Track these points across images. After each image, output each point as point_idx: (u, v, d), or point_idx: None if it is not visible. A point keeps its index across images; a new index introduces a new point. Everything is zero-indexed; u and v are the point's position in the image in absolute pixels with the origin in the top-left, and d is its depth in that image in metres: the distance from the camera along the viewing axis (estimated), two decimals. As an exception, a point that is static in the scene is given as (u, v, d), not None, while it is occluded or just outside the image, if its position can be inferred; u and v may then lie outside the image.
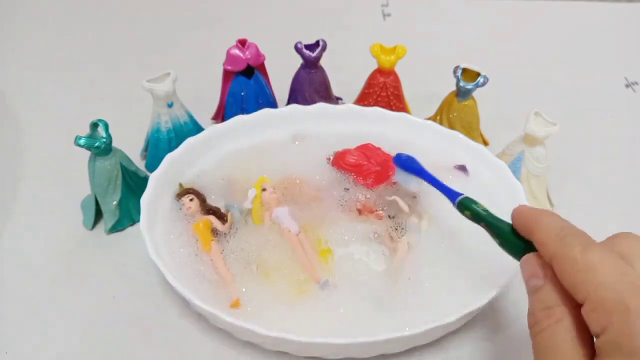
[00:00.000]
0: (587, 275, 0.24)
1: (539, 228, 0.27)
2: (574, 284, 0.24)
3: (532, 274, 0.27)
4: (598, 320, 0.23)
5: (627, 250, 0.25)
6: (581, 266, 0.24)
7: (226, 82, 0.52)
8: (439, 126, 0.48)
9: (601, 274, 0.23)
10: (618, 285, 0.23)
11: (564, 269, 0.25)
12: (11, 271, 0.42)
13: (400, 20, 0.74)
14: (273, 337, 0.33)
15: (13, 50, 0.68)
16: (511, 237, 0.30)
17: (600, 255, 0.24)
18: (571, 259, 0.25)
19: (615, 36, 0.73)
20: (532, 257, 0.28)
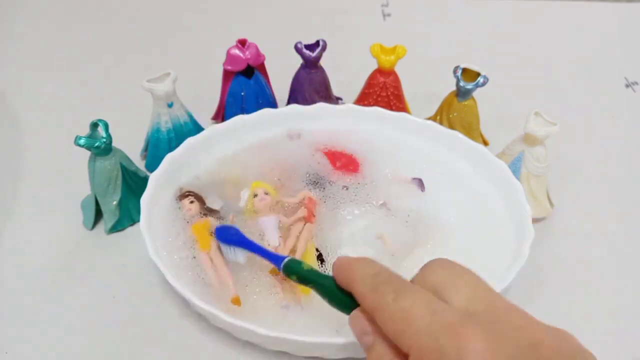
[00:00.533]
0: (403, 325, 0.24)
1: (355, 279, 0.27)
2: (395, 335, 0.24)
3: (361, 332, 0.26)
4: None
5: (439, 280, 0.25)
6: (396, 316, 0.24)
7: (226, 82, 0.52)
8: (439, 126, 0.48)
9: (415, 320, 0.23)
10: (432, 328, 0.23)
11: (382, 321, 0.25)
12: (11, 271, 0.42)
13: (400, 20, 0.74)
14: (273, 337, 0.33)
15: (13, 50, 0.68)
16: (337, 293, 0.29)
17: (411, 300, 0.24)
18: (386, 310, 0.24)
19: (615, 36, 0.73)
20: (358, 313, 0.27)
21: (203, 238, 0.40)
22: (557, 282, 0.42)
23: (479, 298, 0.25)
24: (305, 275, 0.32)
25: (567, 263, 0.44)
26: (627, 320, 0.40)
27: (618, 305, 0.41)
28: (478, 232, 0.41)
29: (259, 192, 0.42)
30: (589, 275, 0.43)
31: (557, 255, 0.44)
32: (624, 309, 0.41)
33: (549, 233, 0.46)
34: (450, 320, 0.23)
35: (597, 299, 0.41)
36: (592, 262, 0.44)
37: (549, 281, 0.42)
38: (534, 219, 0.40)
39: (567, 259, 0.44)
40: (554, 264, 0.43)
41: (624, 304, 0.41)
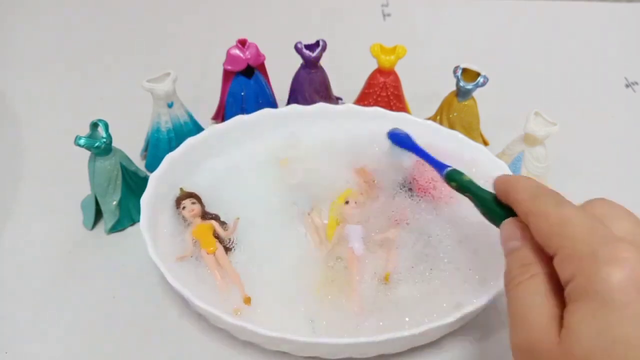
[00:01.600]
0: (559, 228, 0.25)
1: (515, 189, 0.29)
2: (547, 237, 0.25)
3: (510, 237, 0.28)
4: (567, 269, 0.24)
5: (600, 211, 0.26)
6: (554, 220, 0.25)
7: (226, 82, 0.52)
8: (439, 126, 0.48)
9: (572, 227, 0.24)
10: (587, 236, 0.24)
11: (537, 224, 0.26)
12: (11, 271, 0.42)
13: (400, 20, 0.74)
14: (273, 337, 0.33)
15: (13, 50, 0.68)
16: (493, 205, 0.31)
17: (572, 211, 0.25)
18: (544, 214, 0.26)
19: (615, 36, 0.73)
20: (510, 221, 0.29)
21: (207, 240, 0.40)
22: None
23: (637, 232, 0.25)
24: (465, 185, 0.35)
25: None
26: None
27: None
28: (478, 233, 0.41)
29: (350, 201, 0.42)
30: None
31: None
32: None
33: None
34: (607, 234, 0.24)
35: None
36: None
37: None
38: (534, 219, 0.40)
39: (567, 259, 0.44)
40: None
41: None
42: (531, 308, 0.25)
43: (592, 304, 0.22)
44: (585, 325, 0.22)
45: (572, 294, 0.23)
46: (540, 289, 0.25)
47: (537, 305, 0.25)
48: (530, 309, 0.25)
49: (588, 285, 0.22)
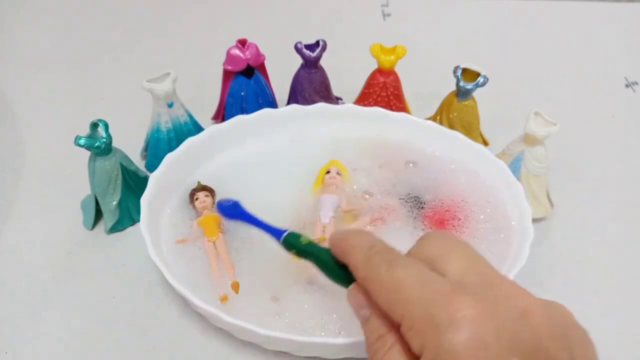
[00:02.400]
0: (395, 294, 0.24)
1: (349, 251, 0.27)
2: (387, 305, 0.24)
3: (359, 305, 0.27)
4: (414, 341, 0.23)
5: (434, 252, 0.25)
6: (388, 286, 0.24)
7: (226, 82, 0.52)
8: (439, 126, 0.48)
9: (407, 290, 0.23)
10: (423, 297, 0.23)
11: (375, 292, 0.25)
12: (11, 271, 0.42)
13: (400, 20, 0.74)
14: (273, 337, 0.33)
15: (13, 50, 0.68)
16: (335, 267, 0.29)
17: (404, 270, 0.24)
18: (379, 281, 0.25)
19: (615, 36, 0.73)
20: (355, 286, 0.27)
21: (211, 229, 0.41)
22: (557, 282, 0.42)
23: (473, 270, 0.25)
24: (304, 249, 0.32)
25: (567, 263, 0.44)
26: (628, 320, 0.40)
27: (618, 305, 0.41)
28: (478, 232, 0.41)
29: (332, 170, 0.44)
30: (589, 275, 0.43)
31: (557, 255, 0.44)
32: (624, 308, 0.41)
33: (549, 233, 0.46)
34: (441, 289, 0.23)
35: (597, 298, 0.41)
36: (592, 262, 0.44)
37: (549, 281, 0.42)
38: (534, 219, 0.40)
39: (567, 259, 0.44)
40: (554, 264, 0.43)
41: (624, 304, 0.41)
42: None
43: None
44: None
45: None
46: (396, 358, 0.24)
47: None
48: None
49: (436, 356, 0.22)
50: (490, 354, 0.21)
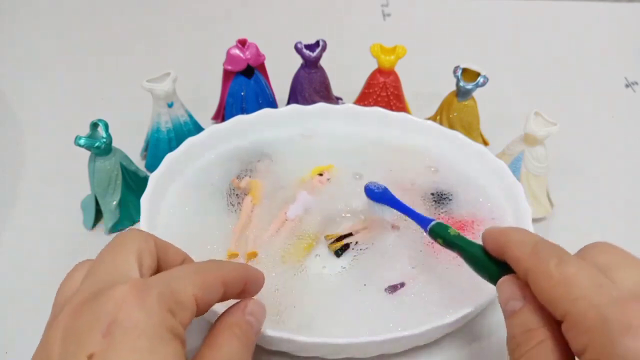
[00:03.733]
0: (564, 289, 0.23)
1: (511, 245, 0.27)
2: (551, 299, 0.24)
3: (510, 297, 0.26)
4: (578, 339, 0.22)
5: (603, 261, 0.24)
6: (557, 280, 0.23)
7: (226, 82, 0.52)
8: (439, 126, 0.48)
9: (578, 288, 0.23)
10: (596, 299, 0.22)
11: (539, 284, 0.24)
12: (11, 271, 0.42)
13: (400, 20, 0.74)
14: (273, 337, 0.33)
15: (13, 50, 0.68)
16: (485, 261, 0.29)
17: (576, 268, 0.23)
18: (547, 273, 0.24)
19: (615, 36, 0.73)
20: (509, 279, 0.27)
21: (257, 194, 0.43)
22: (557, 282, 0.42)
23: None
24: (451, 240, 0.32)
25: (567, 263, 0.44)
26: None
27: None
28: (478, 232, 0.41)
29: (325, 174, 0.45)
30: (589, 275, 0.43)
31: (557, 255, 0.44)
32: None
33: (549, 233, 0.46)
34: (617, 294, 0.22)
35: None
36: (592, 262, 0.44)
37: None
38: (534, 219, 0.40)
39: (567, 259, 0.44)
40: (554, 264, 0.43)
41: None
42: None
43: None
44: None
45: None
46: (549, 358, 0.23)
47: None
48: None
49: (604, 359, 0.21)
50: None
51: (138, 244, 0.27)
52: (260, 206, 0.42)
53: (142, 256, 0.27)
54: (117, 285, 0.24)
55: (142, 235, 0.28)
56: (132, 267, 0.26)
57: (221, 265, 0.29)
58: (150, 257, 0.27)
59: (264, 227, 0.41)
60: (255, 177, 0.45)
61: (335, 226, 0.42)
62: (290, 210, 0.42)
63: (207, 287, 0.26)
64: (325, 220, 0.42)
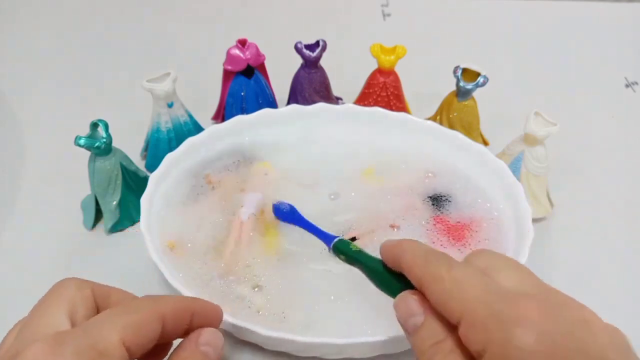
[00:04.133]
0: (456, 292, 0.24)
1: (405, 255, 0.27)
2: (445, 303, 0.24)
3: (409, 313, 0.26)
4: (476, 338, 0.23)
5: (486, 264, 0.26)
6: (448, 284, 0.24)
7: (226, 82, 0.52)
8: (439, 126, 0.48)
9: (469, 289, 0.24)
10: (487, 297, 0.23)
11: (432, 290, 0.25)
12: (11, 271, 0.42)
13: (400, 20, 0.74)
14: (273, 337, 0.33)
15: (13, 50, 0.68)
16: (384, 275, 0.29)
17: (464, 270, 0.25)
18: (439, 278, 0.25)
19: (615, 36, 0.73)
20: (407, 295, 0.27)
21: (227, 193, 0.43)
22: (557, 282, 0.42)
23: (527, 281, 0.25)
24: (353, 256, 0.33)
25: (567, 263, 0.44)
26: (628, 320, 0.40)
27: (618, 305, 0.41)
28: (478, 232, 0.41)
29: (261, 169, 0.45)
30: (589, 275, 0.43)
31: (557, 255, 0.44)
32: (624, 308, 0.41)
33: (549, 233, 0.46)
34: (504, 291, 0.23)
35: (597, 299, 0.41)
36: (592, 262, 0.44)
37: (549, 281, 0.41)
38: (534, 219, 0.40)
39: (567, 259, 0.44)
40: (554, 264, 0.43)
41: (624, 304, 0.41)
42: None
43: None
44: None
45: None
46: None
47: None
48: None
49: (501, 353, 0.22)
50: (557, 352, 0.21)
51: (70, 294, 0.26)
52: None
53: (75, 306, 0.26)
54: (33, 343, 0.23)
55: (75, 284, 0.27)
56: (61, 320, 0.25)
57: (157, 300, 0.27)
58: (85, 305, 0.26)
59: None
60: (229, 176, 0.45)
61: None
62: (243, 212, 0.42)
63: (138, 328, 0.25)
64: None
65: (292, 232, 0.41)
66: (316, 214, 0.42)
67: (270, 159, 0.46)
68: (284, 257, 0.39)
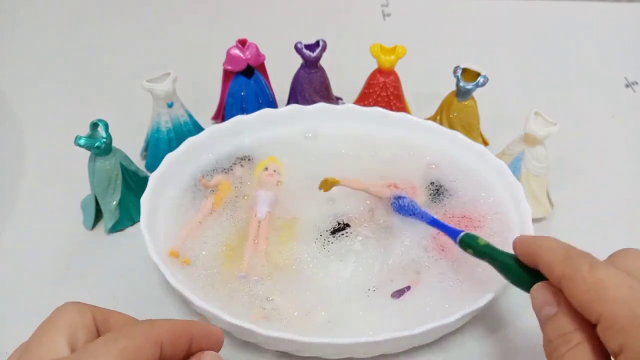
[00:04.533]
0: (598, 293, 0.24)
1: (542, 252, 0.28)
2: (585, 303, 0.24)
3: (544, 303, 0.27)
4: (614, 339, 0.23)
5: (631, 265, 0.25)
6: (590, 284, 0.24)
7: (226, 82, 0.52)
8: (439, 126, 0.48)
9: (611, 290, 0.24)
10: (629, 299, 0.23)
11: (573, 289, 0.25)
12: (11, 271, 0.42)
13: (400, 20, 0.74)
14: (273, 337, 0.33)
15: (13, 50, 0.68)
16: (518, 270, 0.30)
17: (607, 271, 0.24)
18: (580, 278, 0.25)
19: (615, 36, 0.73)
20: (542, 285, 0.28)
21: (223, 195, 0.43)
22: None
23: None
24: (482, 250, 0.33)
25: (567, 263, 0.44)
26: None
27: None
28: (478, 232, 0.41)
29: (270, 166, 0.45)
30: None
31: (557, 255, 0.44)
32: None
33: (549, 233, 0.46)
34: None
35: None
36: (592, 262, 0.44)
37: None
38: (534, 219, 0.40)
39: (567, 259, 0.44)
40: (554, 264, 0.43)
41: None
42: None
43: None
44: None
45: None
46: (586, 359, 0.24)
47: None
48: None
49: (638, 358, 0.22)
50: None
51: (70, 319, 0.26)
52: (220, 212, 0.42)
53: (76, 332, 0.26)
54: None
55: (76, 309, 0.27)
56: (61, 347, 0.25)
57: (154, 324, 0.27)
58: (85, 331, 0.26)
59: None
60: (228, 178, 0.45)
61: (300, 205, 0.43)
62: (259, 210, 0.42)
63: (134, 354, 0.24)
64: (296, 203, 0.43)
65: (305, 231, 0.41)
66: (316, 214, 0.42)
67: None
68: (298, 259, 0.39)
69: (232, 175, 0.45)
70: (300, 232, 0.41)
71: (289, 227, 0.41)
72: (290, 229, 0.41)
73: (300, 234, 0.41)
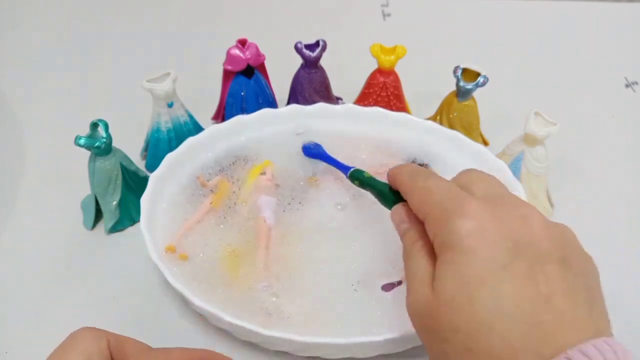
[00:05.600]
0: (425, 197, 0.29)
1: (400, 175, 0.33)
2: (418, 207, 0.29)
3: (400, 220, 0.31)
4: (431, 230, 0.27)
5: (465, 180, 0.30)
6: (421, 191, 0.29)
7: (226, 82, 0.52)
8: (439, 126, 0.48)
9: (433, 194, 0.28)
10: (444, 199, 0.28)
11: (411, 198, 0.30)
12: (11, 271, 0.42)
13: (400, 20, 0.74)
14: (273, 337, 0.33)
15: (13, 50, 0.68)
16: (388, 194, 0.35)
17: (435, 181, 0.29)
18: (416, 188, 0.30)
19: (615, 36, 0.73)
20: (399, 206, 0.32)
21: (222, 195, 0.43)
22: (557, 282, 0.42)
23: (493, 191, 0.29)
24: (365, 181, 0.38)
25: (567, 263, 0.44)
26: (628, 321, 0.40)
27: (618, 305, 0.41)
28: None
29: (267, 171, 0.45)
30: (589, 275, 0.43)
31: (557, 255, 0.44)
32: (624, 309, 0.41)
33: (549, 233, 0.46)
34: (460, 194, 0.28)
35: (597, 299, 0.41)
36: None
37: None
38: (534, 219, 0.40)
39: (567, 259, 0.44)
40: (554, 264, 0.43)
41: (624, 304, 0.41)
42: (416, 273, 0.28)
43: (449, 254, 0.25)
44: (445, 271, 0.25)
45: (437, 250, 0.27)
46: (422, 254, 0.28)
47: (420, 269, 0.28)
48: (415, 274, 0.28)
49: (445, 239, 0.26)
50: (487, 236, 0.25)
51: (86, 346, 0.27)
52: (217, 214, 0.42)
53: (91, 358, 0.26)
54: None
55: (92, 335, 0.27)
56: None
57: (169, 353, 0.29)
58: (100, 357, 0.27)
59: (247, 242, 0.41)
60: (226, 179, 0.45)
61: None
62: (267, 217, 0.42)
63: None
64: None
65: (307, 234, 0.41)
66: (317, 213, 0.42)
67: (270, 158, 0.46)
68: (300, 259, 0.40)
69: (231, 175, 0.45)
70: (302, 232, 0.41)
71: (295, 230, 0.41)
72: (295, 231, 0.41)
73: (301, 234, 0.41)
